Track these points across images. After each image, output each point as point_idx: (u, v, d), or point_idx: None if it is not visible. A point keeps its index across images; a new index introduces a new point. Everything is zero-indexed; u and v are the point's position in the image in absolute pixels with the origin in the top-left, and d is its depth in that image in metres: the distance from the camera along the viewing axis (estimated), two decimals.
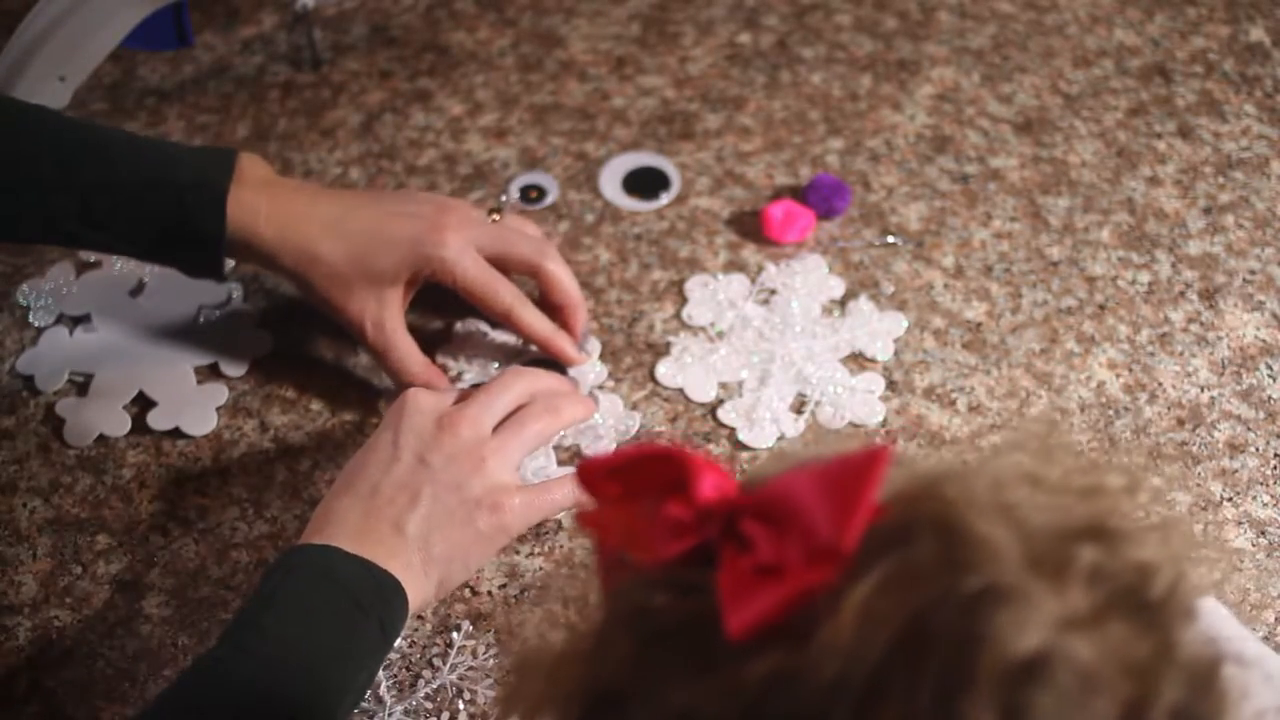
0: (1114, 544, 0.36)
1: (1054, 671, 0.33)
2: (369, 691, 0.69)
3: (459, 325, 0.84)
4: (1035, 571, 0.34)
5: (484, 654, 0.70)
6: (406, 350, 0.77)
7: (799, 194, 0.90)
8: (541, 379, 0.76)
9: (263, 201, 0.74)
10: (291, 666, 0.61)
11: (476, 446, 0.70)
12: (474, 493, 0.68)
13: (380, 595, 0.65)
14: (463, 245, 0.76)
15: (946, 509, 0.36)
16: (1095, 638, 0.34)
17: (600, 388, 0.82)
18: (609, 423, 0.80)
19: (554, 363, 0.81)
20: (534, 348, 0.81)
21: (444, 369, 0.82)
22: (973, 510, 0.35)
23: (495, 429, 0.72)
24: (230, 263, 0.88)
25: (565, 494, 0.72)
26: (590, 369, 0.82)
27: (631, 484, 0.40)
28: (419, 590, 0.67)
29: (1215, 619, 0.63)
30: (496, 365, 0.82)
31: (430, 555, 0.67)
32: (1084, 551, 0.35)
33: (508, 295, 0.78)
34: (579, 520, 0.42)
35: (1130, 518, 0.39)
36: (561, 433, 0.78)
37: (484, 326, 0.84)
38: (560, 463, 0.79)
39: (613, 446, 0.79)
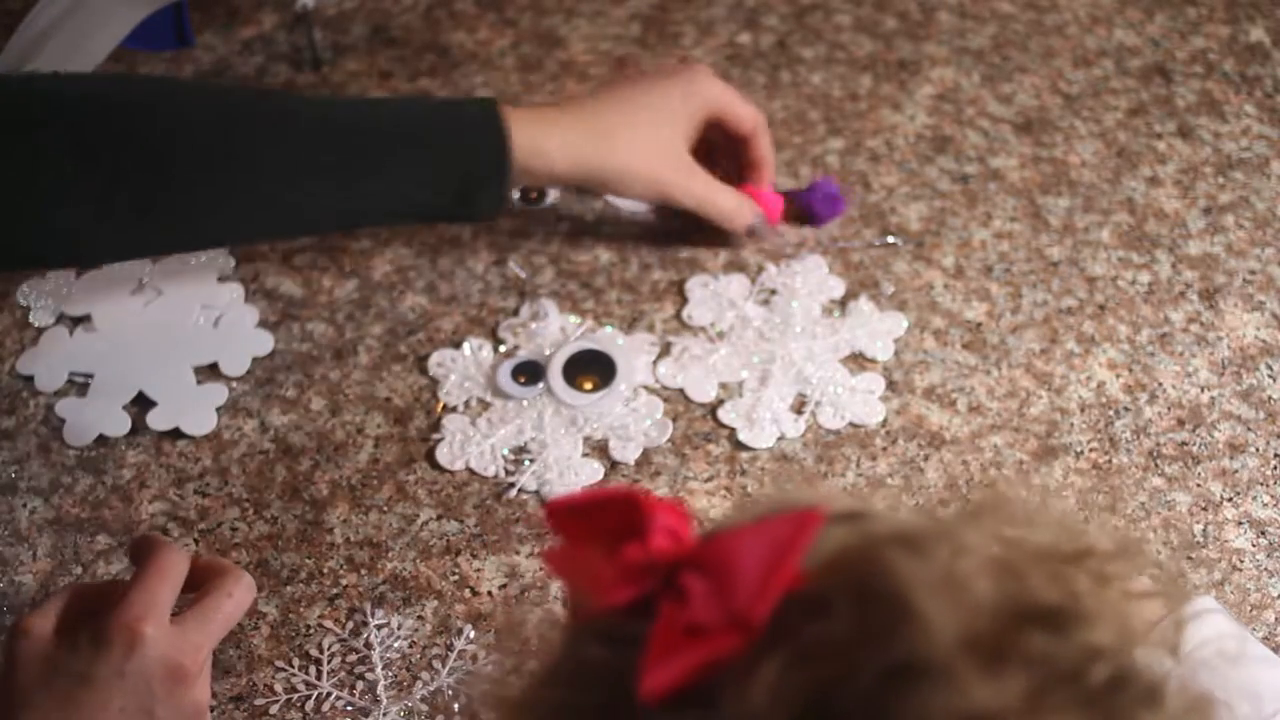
0: (1070, 628, 0.34)
1: None
2: (368, 691, 0.69)
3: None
4: (969, 653, 0.32)
5: (484, 659, 0.70)
6: (722, 193, 0.85)
7: (797, 197, 0.90)
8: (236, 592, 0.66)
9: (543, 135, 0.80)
10: None
11: (204, 690, 0.62)
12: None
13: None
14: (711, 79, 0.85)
15: (882, 579, 0.34)
16: None
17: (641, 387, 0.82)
18: (644, 425, 0.80)
19: None
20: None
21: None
22: (916, 583, 0.33)
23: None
24: (232, 262, 0.88)
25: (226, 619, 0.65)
26: (637, 368, 0.82)
27: (594, 526, 0.39)
28: None
29: (1215, 619, 0.63)
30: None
31: None
32: (1031, 637, 0.33)
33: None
34: (544, 559, 0.42)
35: (1104, 593, 0.37)
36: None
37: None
38: (585, 455, 0.79)
39: (639, 450, 0.79)
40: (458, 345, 0.84)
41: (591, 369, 0.82)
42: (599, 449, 0.79)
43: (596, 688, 0.37)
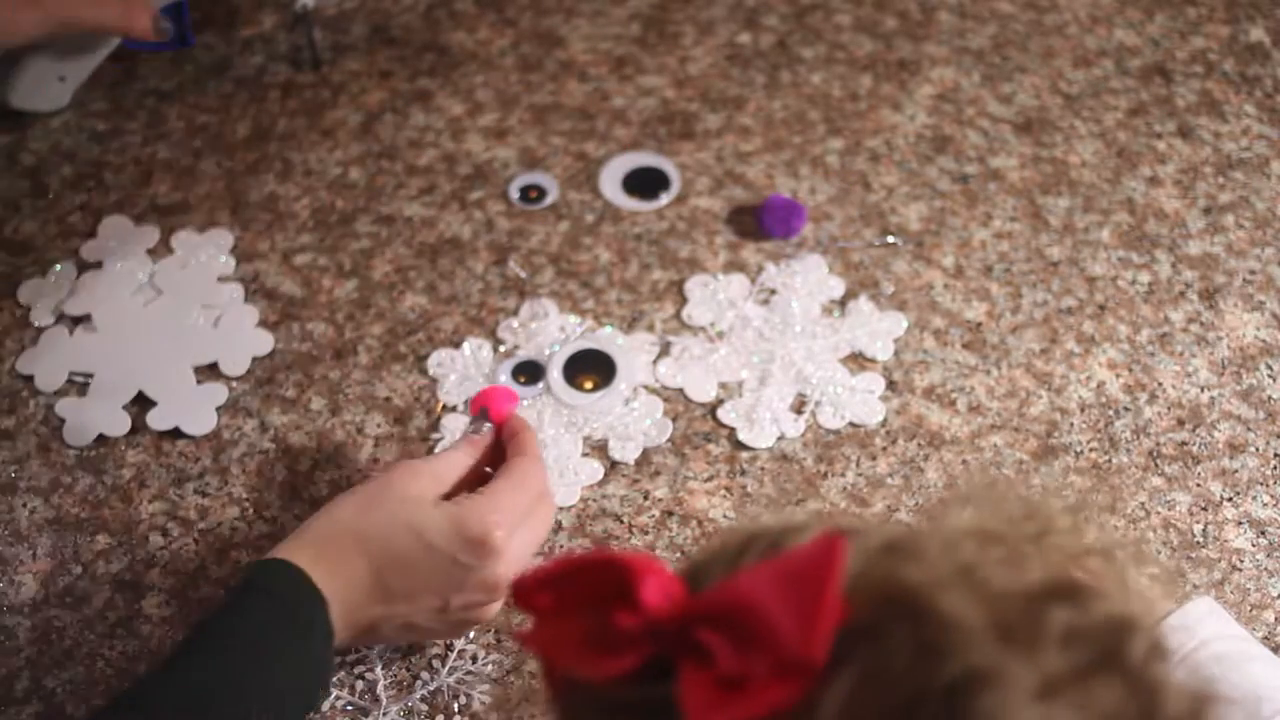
0: (1084, 601, 0.35)
1: None
2: (368, 691, 0.69)
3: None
4: (1008, 644, 0.33)
5: (483, 659, 0.70)
6: None
7: (755, 215, 0.90)
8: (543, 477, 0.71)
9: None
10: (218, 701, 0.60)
11: (499, 597, 0.67)
12: (466, 623, 0.68)
13: (319, 681, 0.65)
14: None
15: (910, 592, 0.34)
16: (1079, 705, 0.32)
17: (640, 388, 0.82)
18: (644, 425, 0.80)
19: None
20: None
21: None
22: (935, 587, 0.33)
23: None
24: (232, 262, 0.88)
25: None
26: (637, 368, 0.82)
27: (570, 596, 0.37)
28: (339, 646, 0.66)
29: (1215, 619, 0.63)
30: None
31: (378, 641, 0.69)
32: (1055, 614, 0.34)
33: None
34: (517, 640, 0.40)
35: (1073, 553, 0.38)
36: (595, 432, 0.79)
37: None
38: (585, 455, 0.79)
39: (639, 450, 0.79)
40: (457, 345, 0.84)
41: (591, 368, 0.82)
42: (599, 448, 0.79)
43: None
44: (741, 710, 0.33)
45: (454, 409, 0.81)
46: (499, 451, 0.71)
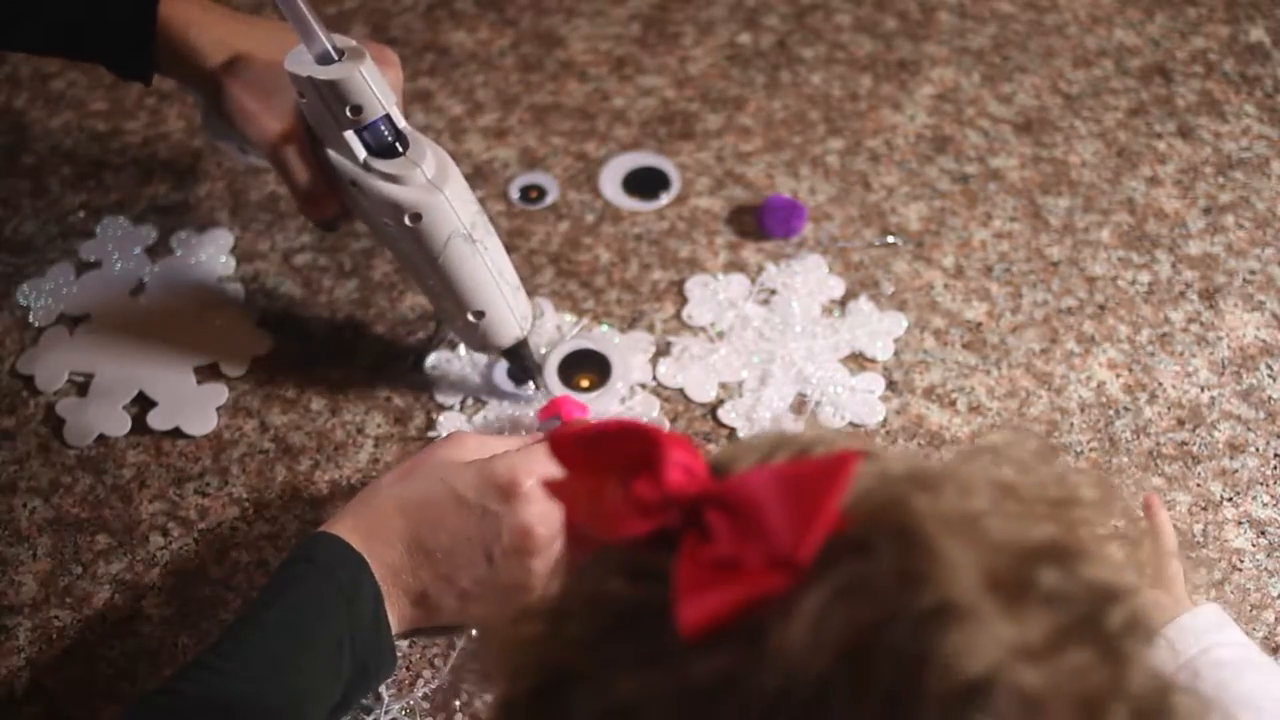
0: (1076, 565, 0.35)
1: (997, 698, 0.32)
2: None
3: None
4: (993, 593, 0.33)
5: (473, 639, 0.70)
6: (302, 170, 0.74)
7: (755, 215, 0.90)
8: None
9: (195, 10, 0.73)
10: (267, 687, 0.61)
11: (543, 561, 0.68)
12: (516, 586, 0.68)
13: (377, 644, 0.65)
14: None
15: (909, 520, 0.35)
16: (1047, 667, 0.33)
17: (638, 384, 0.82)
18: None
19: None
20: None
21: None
22: (936, 522, 0.34)
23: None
24: (232, 262, 0.88)
25: None
26: (633, 366, 0.82)
27: (601, 458, 0.39)
28: (398, 631, 0.68)
29: (1221, 625, 0.63)
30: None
31: (433, 620, 0.68)
32: (1045, 574, 0.34)
33: None
34: (546, 489, 0.41)
35: (1097, 534, 0.38)
36: None
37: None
38: None
39: None
40: (453, 346, 0.84)
41: (588, 367, 0.83)
42: None
43: (618, 620, 0.37)
44: (725, 593, 0.34)
45: (451, 409, 0.81)
46: None
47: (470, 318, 0.75)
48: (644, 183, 0.93)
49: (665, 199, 0.92)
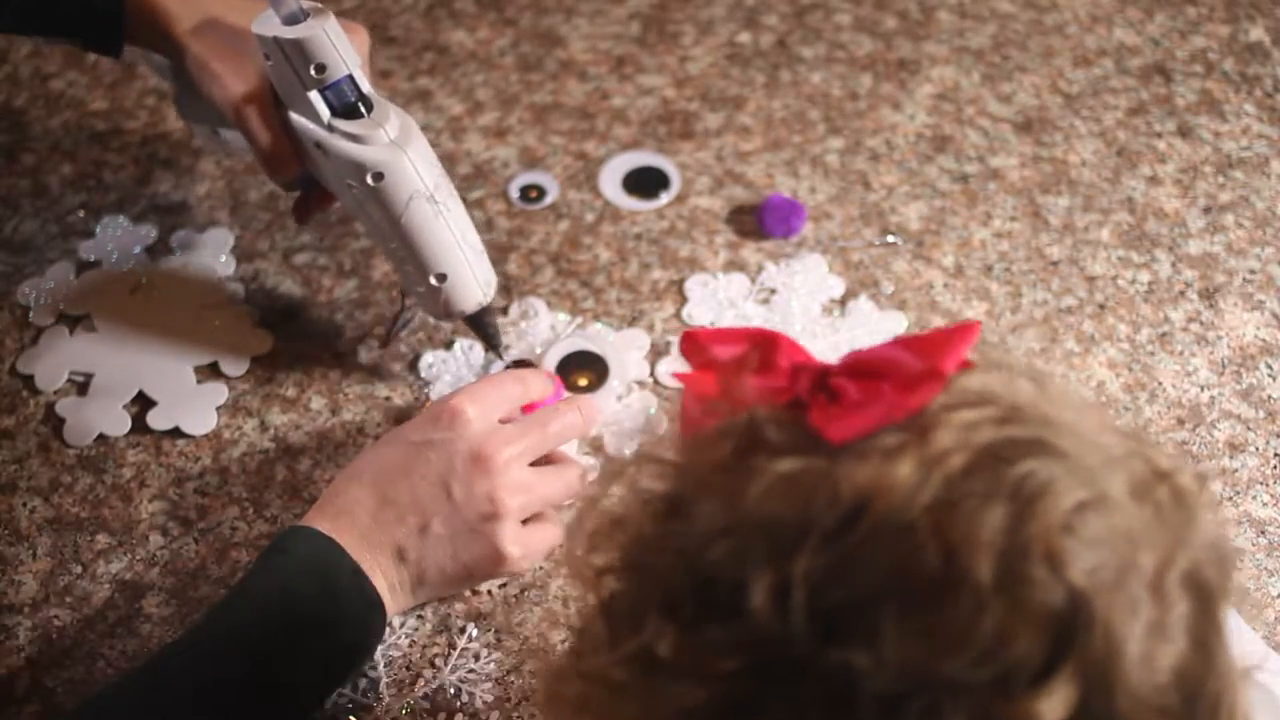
0: (1180, 479, 0.41)
1: (1110, 512, 0.38)
2: (371, 689, 0.69)
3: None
4: (1108, 468, 0.39)
5: (486, 657, 0.70)
6: (263, 130, 0.74)
7: (755, 214, 0.90)
8: (581, 410, 0.74)
9: None
10: (251, 659, 0.62)
11: (504, 490, 0.68)
12: (485, 539, 0.68)
13: (363, 614, 0.66)
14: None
15: (1030, 418, 0.40)
16: (1134, 510, 0.39)
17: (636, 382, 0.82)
18: (640, 421, 0.80)
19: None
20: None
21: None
22: (1056, 407, 0.41)
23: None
24: (232, 262, 0.88)
25: (558, 533, 0.72)
26: (630, 364, 0.83)
27: (728, 349, 0.45)
28: (398, 607, 0.69)
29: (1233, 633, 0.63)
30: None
31: (423, 580, 0.69)
32: (1161, 488, 0.40)
33: None
34: (677, 378, 0.46)
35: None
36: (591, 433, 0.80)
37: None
38: (585, 453, 0.79)
39: (635, 442, 0.79)
40: (449, 346, 0.84)
41: (586, 366, 0.83)
42: (595, 445, 0.79)
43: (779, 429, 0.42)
44: (863, 417, 0.40)
45: None
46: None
47: (433, 281, 0.75)
48: (644, 182, 0.93)
49: (665, 198, 0.92)
